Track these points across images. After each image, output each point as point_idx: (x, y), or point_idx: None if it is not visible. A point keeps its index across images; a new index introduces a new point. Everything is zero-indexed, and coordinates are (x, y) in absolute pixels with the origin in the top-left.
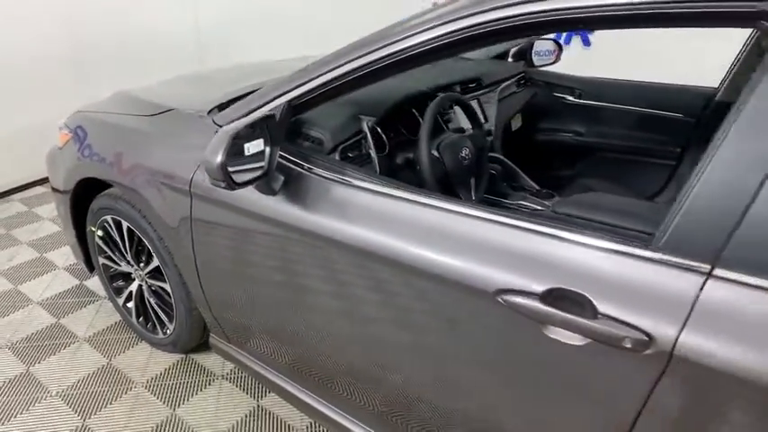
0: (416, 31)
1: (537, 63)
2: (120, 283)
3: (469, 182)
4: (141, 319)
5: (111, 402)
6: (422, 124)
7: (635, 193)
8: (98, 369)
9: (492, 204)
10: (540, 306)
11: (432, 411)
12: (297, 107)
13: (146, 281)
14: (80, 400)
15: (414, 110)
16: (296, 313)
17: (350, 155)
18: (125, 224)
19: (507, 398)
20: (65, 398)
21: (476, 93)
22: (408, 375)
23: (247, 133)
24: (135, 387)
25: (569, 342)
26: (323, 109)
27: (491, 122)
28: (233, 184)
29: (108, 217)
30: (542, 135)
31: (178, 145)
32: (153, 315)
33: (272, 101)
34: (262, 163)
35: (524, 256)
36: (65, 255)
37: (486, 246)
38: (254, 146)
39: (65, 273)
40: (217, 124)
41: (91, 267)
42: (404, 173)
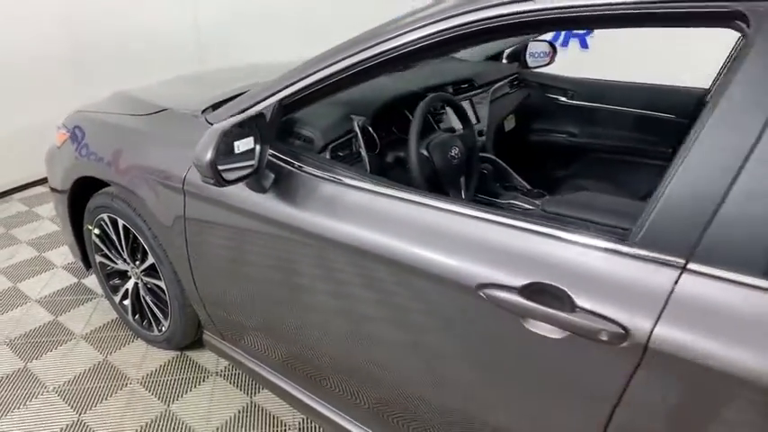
0: (406, 30)
1: (531, 64)
2: (116, 281)
3: (459, 181)
4: (137, 317)
5: (106, 398)
6: (411, 123)
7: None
8: (94, 365)
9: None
10: (520, 300)
11: (419, 405)
12: (287, 106)
13: (141, 278)
14: (76, 396)
15: (406, 110)
16: (287, 310)
17: (340, 153)
18: (121, 222)
19: (490, 391)
20: (61, 393)
21: (468, 93)
22: (395, 370)
23: (237, 131)
24: (130, 383)
25: (548, 335)
26: (314, 108)
27: (483, 123)
28: (222, 181)
29: (104, 215)
30: (536, 136)
31: (172, 144)
32: (148, 312)
33: (264, 100)
34: (252, 161)
35: (505, 252)
36: (63, 254)
37: (468, 241)
38: (244, 144)
39: (63, 271)
40: (210, 123)
41: (88, 265)
42: (394, 171)
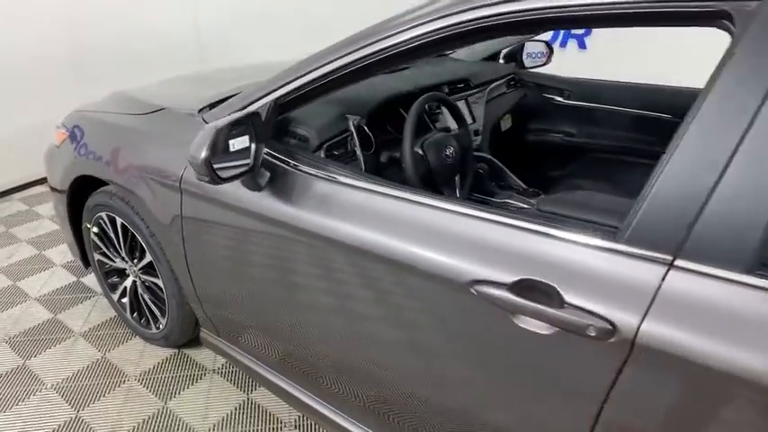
0: (401, 30)
1: (528, 65)
2: (114, 280)
3: (454, 180)
4: (135, 315)
5: (104, 395)
6: (405, 122)
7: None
8: (92, 363)
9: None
10: (510, 296)
11: (413, 402)
12: (283, 105)
13: (139, 277)
14: (74, 393)
15: (402, 110)
16: (283, 308)
17: (335, 152)
18: (119, 221)
19: (481, 386)
20: (59, 390)
21: (464, 93)
22: (390, 367)
23: (233, 130)
24: (128, 380)
25: (538, 331)
26: (310, 107)
27: (479, 122)
28: (217, 179)
29: (103, 214)
30: (533, 135)
31: (169, 143)
32: (146, 310)
33: (259, 99)
34: (247, 160)
35: (495, 249)
36: (63, 252)
37: (460, 239)
38: (239, 142)
39: (62, 270)
40: (206, 122)
41: (87, 264)
42: (389, 170)
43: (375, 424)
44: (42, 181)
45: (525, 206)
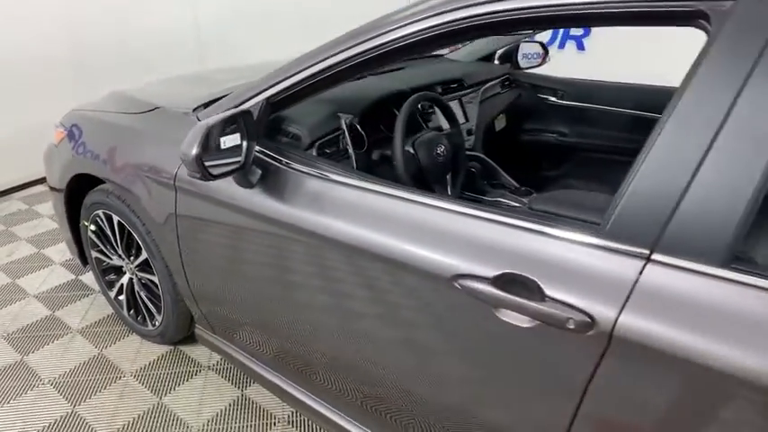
0: (391, 28)
1: (523, 65)
2: (111, 277)
3: (445, 178)
4: (132, 312)
5: (100, 390)
6: (396, 121)
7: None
8: (89, 359)
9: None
10: (492, 290)
11: (402, 397)
12: (275, 104)
13: (135, 274)
14: (71, 388)
15: (395, 109)
16: (275, 304)
17: (327, 151)
18: (116, 218)
19: (465, 379)
20: (56, 386)
21: (457, 93)
22: (381, 362)
23: (224, 128)
24: (124, 376)
25: (519, 324)
26: (302, 106)
27: (472, 122)
28: (208, 176)
29: (100, 211)
30: (527, 135)
31: (164, 141)
32: (142, 307)
33: (252, 98)
34: (239, 157)
35: (478, 244)
36: (62, 251)
37: (444, 234)
38: (230, 140)
39: (61, 268)
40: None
41: (85, 261)
42: (380, 168)
43: (366, 419)
44: (42, 180)
45: (517, 205)
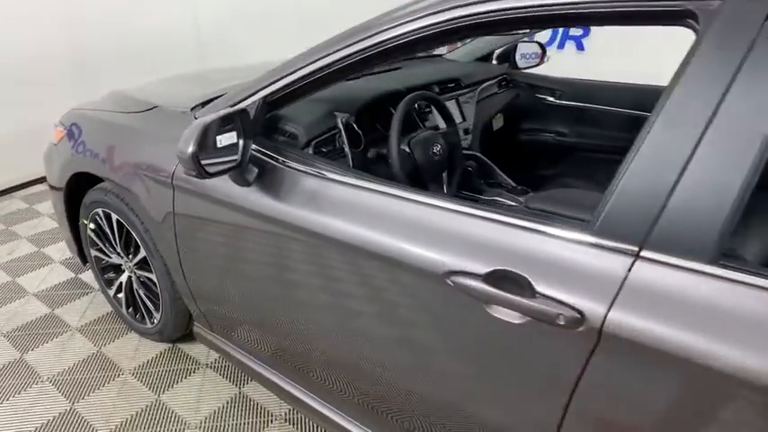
0: (385, 28)
1: (521, 65)
2: (110, 275)
3: (441, 177)
4: (130, 310)
5: (98, 388)
6: (392, 120)
7: None
8: (88, 357)
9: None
10: (484, 287)
11: (398, 393)
12: (271, 103)
13: (134, 272)
14: (69, 386)
15: (392, 108)
16: (272, 302)
17: (323, 149)
18: (114, 216)
19: (458, 375)
20: (55, 383)
21: (454, 93)
22: (376, 360)
23: (220, 126)
24: (122, 374)
25: (510, 320)
26: (299, 105)
27: (469, 122)
28: (204, 173)
29: (99, 210)
30: (525, 135)
31: (162, 140)
32: (141, 305)
33: (249, 97)
34: (235, 156)
35: (471, 241)
36: (62, 249)
37: (438, 231)
38: (226, 138)
39: (61, 266)
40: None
41: (84, 260)
42: (377, 167)
43: (362, 416)
44: (42, 180)
45: (513, 204)
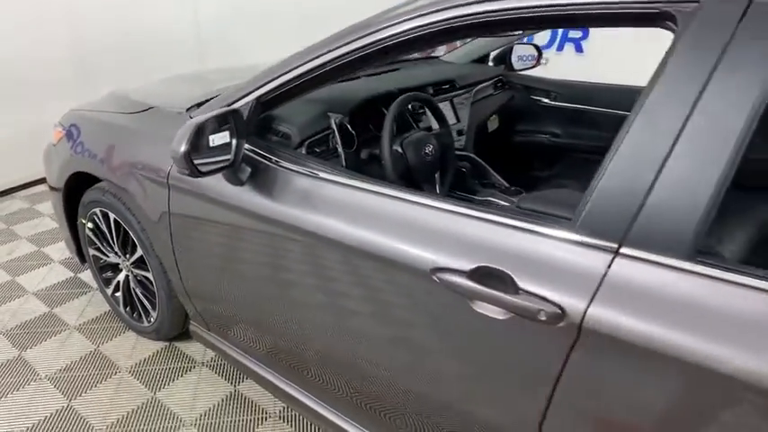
0: (378, 28)
1: (517, 67)
2: (108, 274)
3: (434, 177)
4: (128, 309)
5: (96, 385)
6: (384, 121)
7: None
8: (86, 355)
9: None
10: (468, 283)
11: (389, 391)
12: (265, 103)
13: (131, 271)
14: (67, 383)
15: (385, 109)
16: (266, 301)
17: (317, 149)
18: (112, 216)
19: (445, 371)
20: (53, 381)
21: (448, 94)
22: (367, 357)
23: (214, 126)
24: (119, 372)
25: (494, 316)
26: (293, 106)
27: (464, 123)
28: (196, 172)
29: (97, 209)
30: (520, 136)
31: (158, 140)
32: (138, 304)
33: (243, 98)
34: (228, 155)
35: (456, 238)
36: (61, 249)
37: (425, 229)
38: (219, 138)
39: (60, 266)
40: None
41: (83, 259)
42: (369, 167)
43: (354, 414)
44: (43, 180)
45: (506, 204)
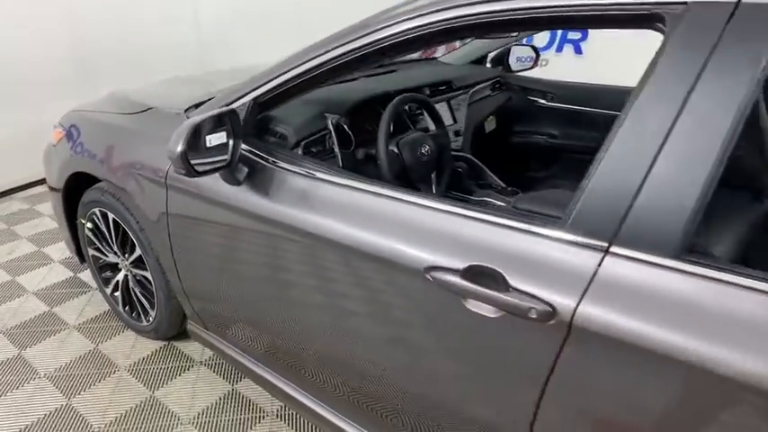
0: (376, 28)
1: (515, 68)
2: (108, 274)
3: (430, 177)
4: (127, 308)
5: (94, 384)
6: (380, 121)
7: None
8: (85, 354)
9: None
10: (461, 281)
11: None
12: (262, 104)
13: (130, 270)
14: (66, 382)
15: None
16: (264, 300)
17: (313, 150)
18: (111, 216)
19: (439, 369)
20: (52, 379)
21: (445, 95)
22: (364, 356)
23: (210, 126)
24: (118, 371)
25: (486, 314)
26: (290, 106)
27: (461, 124)
28: (193, 172)
29: (96, 209)
30: (517, 137)
31: (156, 141)
32: (137, 303)
33: (240, 98)
34: (225, 155)
35: (449, 237)
36: (61, 249)
37: (419, 228)
38: (216, 138)
39: (60, 266)
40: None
41: (82, 259)
42: (366, 167)
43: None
44: (43, 181)
45: (503, 204)
